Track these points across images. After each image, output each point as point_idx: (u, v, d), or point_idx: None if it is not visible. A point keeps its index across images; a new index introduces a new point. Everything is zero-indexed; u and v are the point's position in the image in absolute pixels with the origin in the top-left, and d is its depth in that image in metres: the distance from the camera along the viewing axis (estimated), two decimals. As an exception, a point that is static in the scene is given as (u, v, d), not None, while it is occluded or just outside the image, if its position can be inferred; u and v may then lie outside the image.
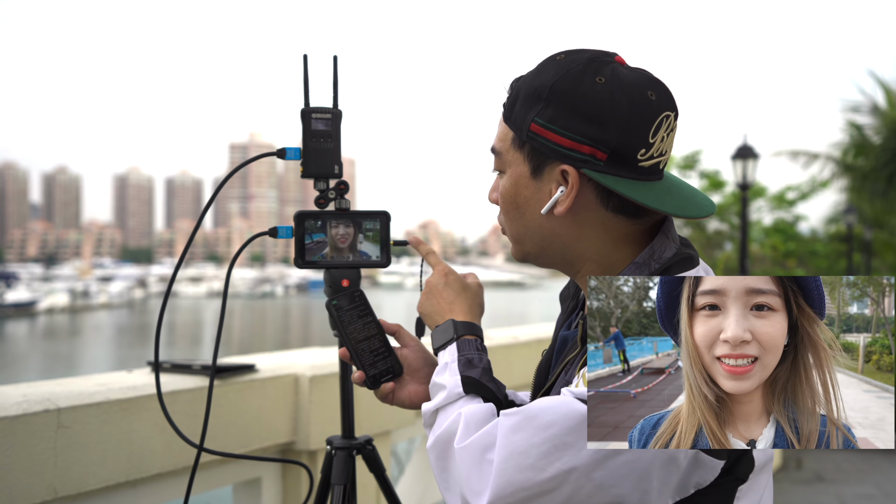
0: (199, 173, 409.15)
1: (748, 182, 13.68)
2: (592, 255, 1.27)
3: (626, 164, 1.19)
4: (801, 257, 26.58)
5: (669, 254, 1.24)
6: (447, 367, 1.38)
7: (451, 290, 1.49)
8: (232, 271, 1.67)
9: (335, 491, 1.82)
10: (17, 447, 1.89)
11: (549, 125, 1.21)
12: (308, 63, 1.73)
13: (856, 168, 20.16)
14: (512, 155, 1.28)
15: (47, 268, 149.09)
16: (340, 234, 1.68)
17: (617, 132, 1.18)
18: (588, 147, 1.19)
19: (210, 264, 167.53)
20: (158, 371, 1.74)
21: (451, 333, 1.42)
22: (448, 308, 1.47)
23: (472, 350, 1.40)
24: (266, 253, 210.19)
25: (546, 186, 1.24)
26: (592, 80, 1.19)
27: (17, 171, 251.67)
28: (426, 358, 1.53)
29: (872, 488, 6.62)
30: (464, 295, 1.49)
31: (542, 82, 1.22)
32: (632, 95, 1.19)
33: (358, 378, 1.48)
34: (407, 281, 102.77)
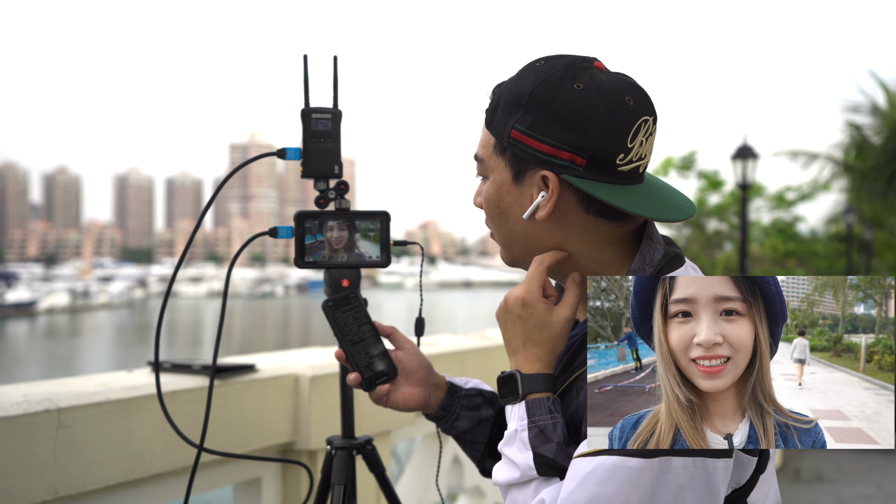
0: (199, 173, 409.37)
1: (748, 182, 13.69)
2: (579, 258, 1.29)
3: (606, 170, 1.21)
4: (801, 257, 26.58)
5: (658, 256, 1.27)
6: (517, 435, 1.22)
7: (525, 325, 1.27)
8: (232, 271, 1.67)
9: (335, 491, 1.82)
10: (17, 447, 1.89)
11: (528, 132, 1.22)
12: (308, 63, 1.73)
13: (856, 168, 20.16)
14: (494, 161, 1.29)
15: (47, 268, 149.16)
16: (335, 237, 1.68)
17: (595, 138, 1.19)
18: (567, 153, 1.20)
19: (210, 264, 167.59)
20: (158, 371, 1.74)
21: (517, 390, 1.24)
22: (521, 346, 1.28)
23: (544, 414, 1.22)
24: (266, 253, 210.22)
25: (528, 192, 1.26)
26: (570, 87, 1.21)
27: (17, 171, 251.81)
28: (421, 360, 1.53)
29: (872, 488, 6.62)
30: (540, 334, 1.26)
31: (522, 89, 1.24)
32: (609, 101, 1.20)
33: (354, 380, 1.48)
34: (407, 281, 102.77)
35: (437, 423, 1.55)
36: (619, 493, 1.07)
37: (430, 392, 1.53)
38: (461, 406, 1.53)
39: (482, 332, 4.00)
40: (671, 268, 1.25)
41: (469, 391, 1.55)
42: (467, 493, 3.63)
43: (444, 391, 1.54)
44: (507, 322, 1.29)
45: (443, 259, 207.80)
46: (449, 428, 1.55)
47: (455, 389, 1.55)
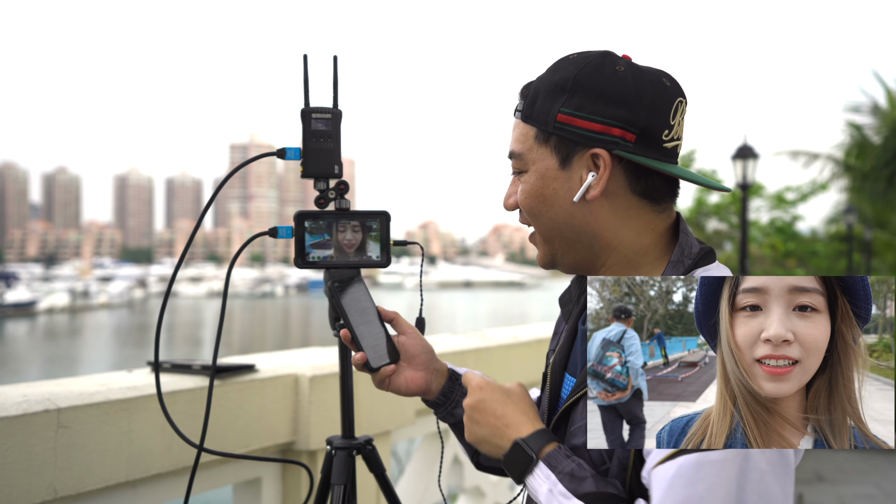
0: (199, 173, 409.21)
1: (748, 182, 13.68)
2: (619, 245, 1.30)
3: (653, 146, 1.26)
4: (801, 257, 26.56)
5: (696, 249, 1.30)
6: (552, 495, 1.18)
7: (497, 404, 1.29)
8: (232, 271, 1.67)
9: (335, 491, 1.82)
10: (17, 447, 1.89)
11: (577, 113, 1.25)
12: (308, 63, 1.73)
13: (856, 168, 20.15)
14: (536, 152, 1.31)
15: (47, 268, 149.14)
16: (348, 239, 1.68)
17: (644, 113, 1.24)
18: (618, 129, 1.24)
19: (210, 264, 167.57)
20: (158, 371, 1.73)
21: (530, 454, 1.22)
22: (503, 426, 1.27)
23: (564, 460, 1.20)
24: (266, 253, 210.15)
25: (576, 175, 1.28)
26: (613, 69, 1.26)
27: (17, 171, 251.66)
28: (423, 345, 1.54)
29: (872, 488, 6.62)
30: (511, 402, 1.29)
31: (564, 76, 1.27)
32: (651, 80, 1.26)
33: (359, 359, 1.48)
34: (407, 281, 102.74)
35: (436, 410, 1.56)
36: (708, 490, 1.04)
37: (432, 377, 1.53)
38: (461, 393, 1.54)
39: (482, 332, 3.99)
40: (706, 261, 1.28)
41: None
42: (467, 493, 3.63)
43: (446, 377, 1.55)
44: (478, 418, 1.29)
45: (443, 259, 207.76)
46: (447, 415, 1.55)
47: (456, 376, 1.56)
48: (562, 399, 1.38)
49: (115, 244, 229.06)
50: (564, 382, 1.40)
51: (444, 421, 1.56)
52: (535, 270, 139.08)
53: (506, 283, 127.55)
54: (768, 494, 1.05)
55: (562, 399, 1.38)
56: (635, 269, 1.31)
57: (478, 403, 1.30)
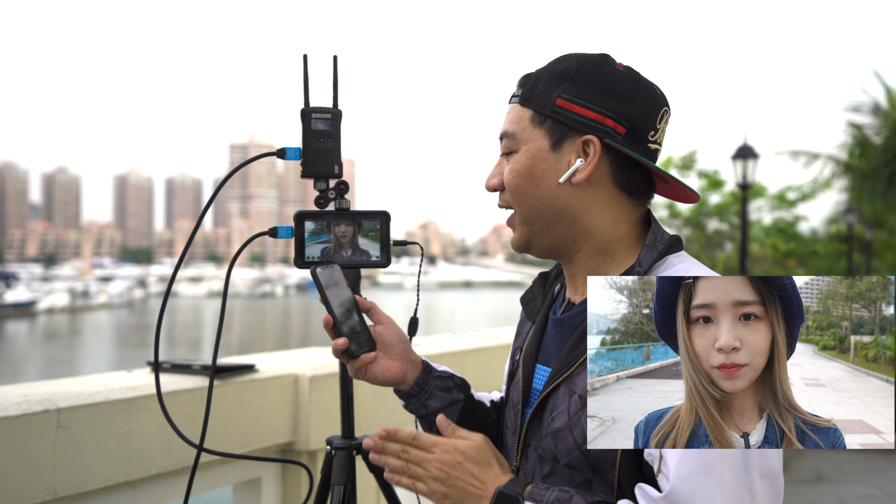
0: (199, 173, 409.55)
1: (748, 182, 13.68)
2: (596, 231, 1.37)
3: (640, 142, 1.34)
4: (802, 257, 26.57)
5: (667, 236, 1.38)
6: None
7: (468, 464, 1.31)
8: (232, 271, 1.67)
9: (335, 491, 1.82)
10: (17, 447, 1.89)
11: (576, 99, 1.34)
12: (308, 63, 1.73)
13: (856, 168, 20.15)
14: (529, 132, 1.37)
15: (47, 268, 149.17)
16: (342, 230, 1.68)
17: (637, 110, 1.33)
18: (611, 120, 1.33)
19: (210, 264, 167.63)
20: (158, 371, 1.73)
21: (515, 496, 1.27)
22: (479, 486, 1.30)
23: (545, 491, 1.27)
24: (266, 253, 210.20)
25: (565, 158, 1.35)
26: (613, 67, 1.36)
27: (17, 171, 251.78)
28: (399, 335, 1.55)
29: (872, 488, 6.62)
30: (478, 458, 1.32)
31: (567, 66, 1.36)
32: (646, 84, 1.37)
33: (342, 344, 1.46)
34: (407, 281, 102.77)
35: (409, 402, 1.57)
36: (718, 453, 1.15)
37: (408, 367, 1.54)
38: (435, 385, 1.56)
39: (482, 332, 4.00)
40: (675, 249, 1.37)
41: (442, 373, 1.58)
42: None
43: (420, 368, 1.57)
44: (451, 483, 1.30)
45: (443, 259, 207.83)
46: (420, 407, 1.56)
47: (430, 368, 1.58)
48: (534, 389, 1.43)
49: (115, 244, 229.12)
50: (536, 373, 1.45)
51: (416, 413, 1.58)
52: (535, 270, 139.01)
53: (506, 283, 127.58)
54: (767, 454, 1.17)
55: (534, 389, 1.43)
56: (610, 256, 1.39)
57: (449, 472, 1.30)
